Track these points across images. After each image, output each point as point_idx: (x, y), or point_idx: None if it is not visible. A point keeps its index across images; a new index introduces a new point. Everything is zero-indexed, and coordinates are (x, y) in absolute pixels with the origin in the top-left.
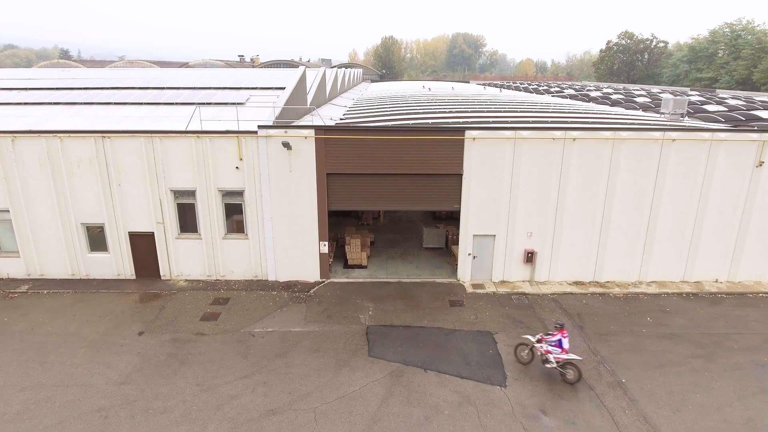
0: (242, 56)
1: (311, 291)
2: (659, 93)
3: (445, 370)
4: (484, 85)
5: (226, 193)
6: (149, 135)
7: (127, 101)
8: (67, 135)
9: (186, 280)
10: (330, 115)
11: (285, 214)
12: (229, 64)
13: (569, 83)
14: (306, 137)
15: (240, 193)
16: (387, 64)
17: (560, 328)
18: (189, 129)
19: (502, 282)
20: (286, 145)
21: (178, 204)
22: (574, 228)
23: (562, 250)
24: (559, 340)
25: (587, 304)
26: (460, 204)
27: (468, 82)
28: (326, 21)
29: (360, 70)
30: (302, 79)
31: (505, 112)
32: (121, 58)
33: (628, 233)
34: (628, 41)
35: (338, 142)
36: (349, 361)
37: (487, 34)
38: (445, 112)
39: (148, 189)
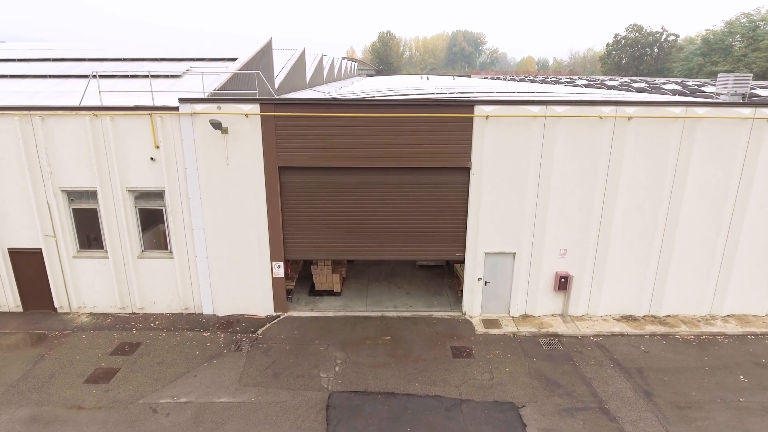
0: None
1: (259, 331)
2: (683, 81)
3: None
4: (487, 78)
5: (140, 195)
6: (26, 112)
7: (28, 74)
8: None
9: (90, 314)
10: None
11: (223, 224)
12: None
13: (577, 77)
14: (248, 115)
15: (159, 195)
16: (384, 60)
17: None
18: (83, 104)
19: (525, 317)
20: (218, 126)
21: (74, 210)
22: (626, 242)
23: (607, 272)
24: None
25: (648, 352)
26: (464, 252)
27: (469, 77)
28: (327, 21)
29: (355, 64)
30: (265, 52)
31: (521, 94)
32: None
33: (700, 248)
34: (637, 34)
35: (295, 122)
36: None
37: (487, 32)
38: (446, 94)
39: (29, 189)
